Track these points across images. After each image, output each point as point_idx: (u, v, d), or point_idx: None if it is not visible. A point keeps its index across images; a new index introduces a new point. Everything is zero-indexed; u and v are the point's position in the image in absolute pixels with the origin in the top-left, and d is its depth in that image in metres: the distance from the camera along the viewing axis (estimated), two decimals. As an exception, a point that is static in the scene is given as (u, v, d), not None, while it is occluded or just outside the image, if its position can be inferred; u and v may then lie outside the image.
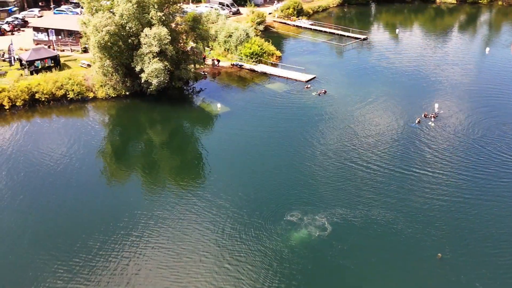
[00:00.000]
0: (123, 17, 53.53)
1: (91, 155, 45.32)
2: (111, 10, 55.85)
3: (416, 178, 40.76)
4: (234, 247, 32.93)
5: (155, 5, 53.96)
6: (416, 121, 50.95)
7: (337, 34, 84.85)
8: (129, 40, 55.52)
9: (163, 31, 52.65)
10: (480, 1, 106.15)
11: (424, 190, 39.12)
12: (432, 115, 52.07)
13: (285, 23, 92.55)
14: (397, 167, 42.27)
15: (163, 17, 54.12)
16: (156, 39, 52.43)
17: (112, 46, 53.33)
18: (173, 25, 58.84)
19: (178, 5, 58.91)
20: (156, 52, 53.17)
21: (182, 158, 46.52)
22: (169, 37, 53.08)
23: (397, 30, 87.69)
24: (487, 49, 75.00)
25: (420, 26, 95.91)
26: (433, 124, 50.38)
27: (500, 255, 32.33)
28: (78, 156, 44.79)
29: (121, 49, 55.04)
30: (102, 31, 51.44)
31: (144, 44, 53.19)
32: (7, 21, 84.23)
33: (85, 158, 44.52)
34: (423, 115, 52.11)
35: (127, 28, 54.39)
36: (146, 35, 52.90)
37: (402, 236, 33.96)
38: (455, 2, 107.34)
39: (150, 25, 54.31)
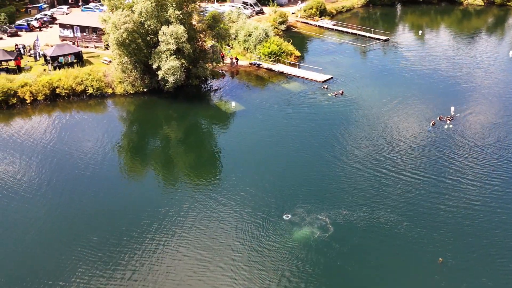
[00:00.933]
0: (142, 15, 54.67)
1: (108, 149, 46.45)
2: (132, 9, 56.95)
3: (424, 182, 40.36)
4: (237, 245, 33.47)
5: (173, 3, 54.86)
6: (431, 124, 50.45)
7: (359, 35, 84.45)
8: (148, 38, 56.57)
9: (180, 29, 53.51)
10: (508, 3, 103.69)
11: (431, 194, 38.70)
12: (448, 118, 51.45)
13: (307, 23, 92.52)
14: (405, 170, 41.98)
15: (181, 16, 54.98)
16: (173, 37, 53.36)
17: (130, 43, 54.50)
18: (194, 23, 59.77)
19: (197, 4, 59.74)
20: (173, 50, 54.13)
21: (195, 156, 47.11)
22: (186, 35, 53.89)
23: (420, 32, 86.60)
24: (511, 52, 73.43)
25: (445, 28, 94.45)
26: (447, 128, 49.80)
27: (504, 265, 31.67)
28: (95, 150, 46.01)
29: (140, 47, 56.16)
30: (120, 28, 52.66)
31: (162, 42, 54.22)
32: (35, 18, 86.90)
33: (102, 152, 45.69)
34: (438, 118, 51.54)
35: (145, 26, 55.53)
36: (163, 33, 53.87)
37: (404, 240, 33.78)
38: (483, 4, 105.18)
39: (168, 23, 55.27)
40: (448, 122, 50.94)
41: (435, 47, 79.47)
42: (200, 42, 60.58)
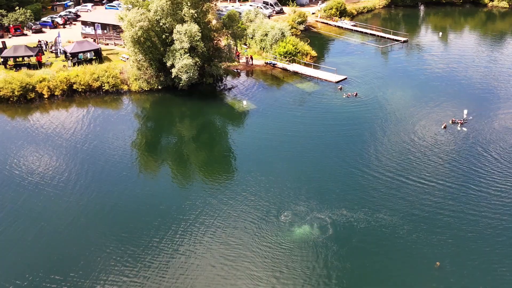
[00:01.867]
0: (157, 13, 55.58)
1: (122, 145, 47.48)
2: (148, 7, 57.97)
3: (428, 186, 39.98)
4: (241, 244, 33.98)
5: (188, 2, 55.61)
6: (442, 127, 49.98)
7: (378, 36, 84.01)
8: (163, 36, 57.51)
9: (194, 27, 54.24)
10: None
11: (435, 199, 38.32)
12: (460, 122, 50.85)
13: (327, 23, 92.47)
14: (410, 173, 41.69)
15: (196, 14, 55.71)
16: (187, 36, 54.13)
17: (145, 41, 55.53)
18: (213, 21, 60.48)
19: (213, 3, 60.45)
20: (187, 48, 54.91)
21: (207, 154, 47.81)
22: (200, 34, 54.58)
23: (440, 34, 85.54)
24: (533, 56, 72.12)
25: (467, 30, 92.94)
26: (458, 131, 49.22)
27: (504, 274, 31.13)
28: (109, 145, 47.17)
29: (155, 45, 57.15)
30: (135, 26, 53.69)
31: (176, 40, 55.06)
32: (60, 15, 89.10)
33: (117, 148, 46.78)
34: (450, 121, 51.00)
35: (161, 24, 56.46)
36: (177, 31, 54.70)
37: (404, 243, 33.67)
38: (507, 6, 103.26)
39: (183, 21, 56.06)
40: (459, 125, 50.34)
41: (455, 49, 78.35)
42: (215, 41, 61.22)
